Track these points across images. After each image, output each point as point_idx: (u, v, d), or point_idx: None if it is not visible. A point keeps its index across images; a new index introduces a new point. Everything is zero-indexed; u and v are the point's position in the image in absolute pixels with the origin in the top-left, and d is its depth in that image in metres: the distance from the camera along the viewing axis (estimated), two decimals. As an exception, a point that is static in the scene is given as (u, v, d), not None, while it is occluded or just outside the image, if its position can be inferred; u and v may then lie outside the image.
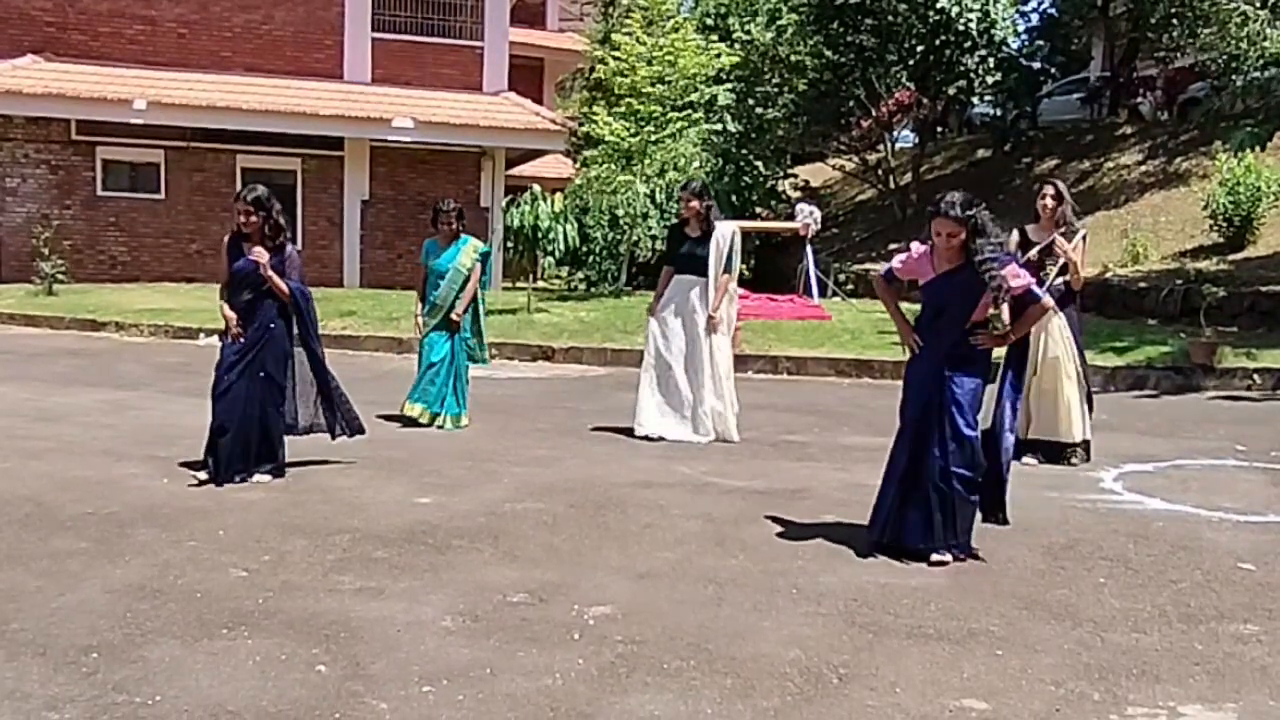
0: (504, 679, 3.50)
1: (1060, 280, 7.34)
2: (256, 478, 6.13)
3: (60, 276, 17.45)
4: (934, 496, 4.87)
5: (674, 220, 8.18)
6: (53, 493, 5.78)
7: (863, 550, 4.99)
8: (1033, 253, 7.27)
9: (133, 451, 6.72)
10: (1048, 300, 5.38)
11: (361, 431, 6.71)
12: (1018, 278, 4.95)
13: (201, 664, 3.56)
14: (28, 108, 18.58)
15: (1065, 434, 7.30)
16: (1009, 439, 5.29)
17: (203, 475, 6.09)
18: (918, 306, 5.14)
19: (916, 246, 5.09)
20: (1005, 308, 5.06)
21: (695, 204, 7.96)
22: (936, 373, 4.93)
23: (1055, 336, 7.29)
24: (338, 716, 3.20)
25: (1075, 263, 7.31)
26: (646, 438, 7.83)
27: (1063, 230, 7.36)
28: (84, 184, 19.74)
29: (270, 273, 6.13)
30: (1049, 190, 7.53)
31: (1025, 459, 7.07)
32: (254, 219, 6.14)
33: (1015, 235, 7.56)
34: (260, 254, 6.11)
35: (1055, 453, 7.29)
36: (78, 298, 16.80)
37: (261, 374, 6.19)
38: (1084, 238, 7.49)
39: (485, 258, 8.54)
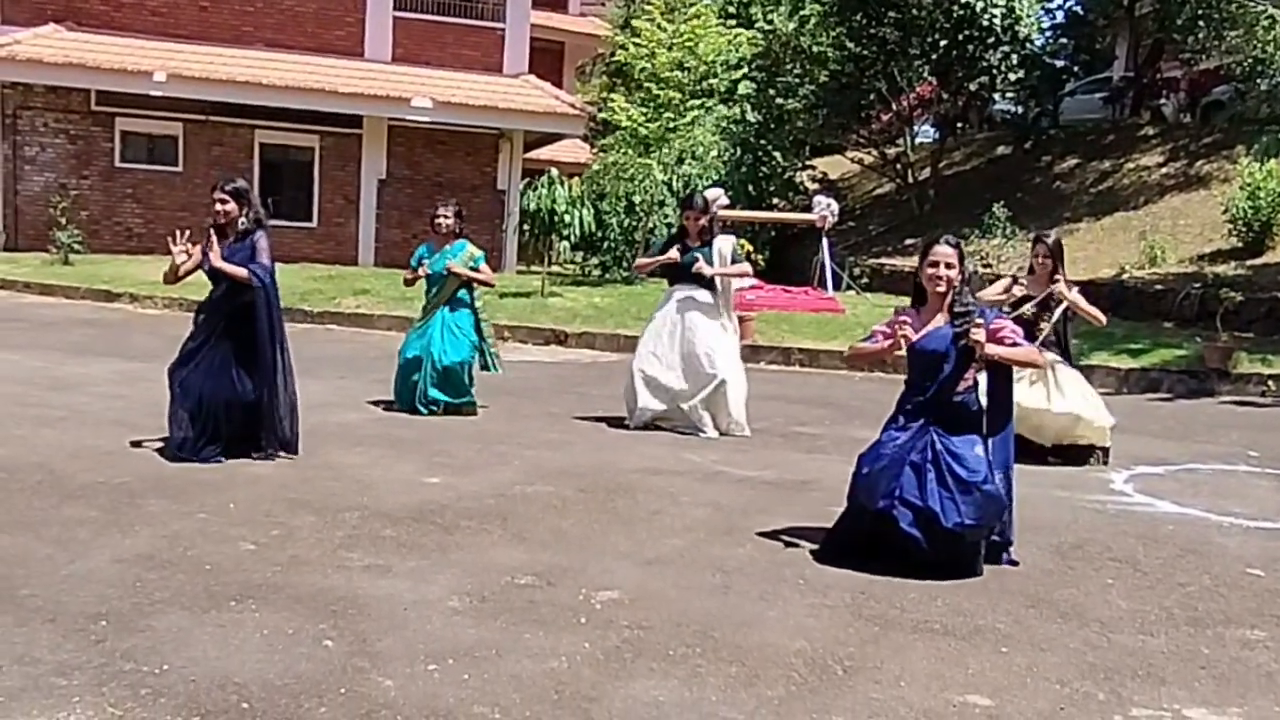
0: (509, 660, 3.51)
1: (1054, 337, 7.28)
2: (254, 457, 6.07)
3: (76, 246, 17.52)
4: (939, 547, 4.51)
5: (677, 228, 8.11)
6: (64, 461, 5.80)
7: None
8: (1027, 308, 7.21)
9: (144, 423, 6.74)
10: (1036, 354, 5.22)
11: (291, 453, 6.22)
12: (1005, 334, 4.70)
13: (209, 635, 3.58)
14: (48, 77, 18.63)
15: (1083, 436, 7.30)
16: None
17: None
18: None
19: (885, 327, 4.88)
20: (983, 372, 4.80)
21: (702, 220, 7.84)
22: (917, 438, 4.65)
23: (1062, 381, 7.24)
24: (343, 691, 3.21)
25: (1085, 309, 7.27)
26: (646, 426, 7.77)
27: (1056, 282, 7.21)
28: (102, 155, 19.80)
29: (220, 262, 6.01)
30: (1042, 248, 7.37)
31: (1049, 459, 7.19)
32: (229, 207, 6.10)
33: (1006, 282, 7.58)
34: (213, 248, 6.06)
35: (1075, 457, 7.29)
36: (93, 268, 16.87)
37: (231, 356, 6.05)
38: (1080, 292, 7.45)
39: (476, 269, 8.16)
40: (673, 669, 3.52)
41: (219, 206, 6.12)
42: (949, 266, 4.70)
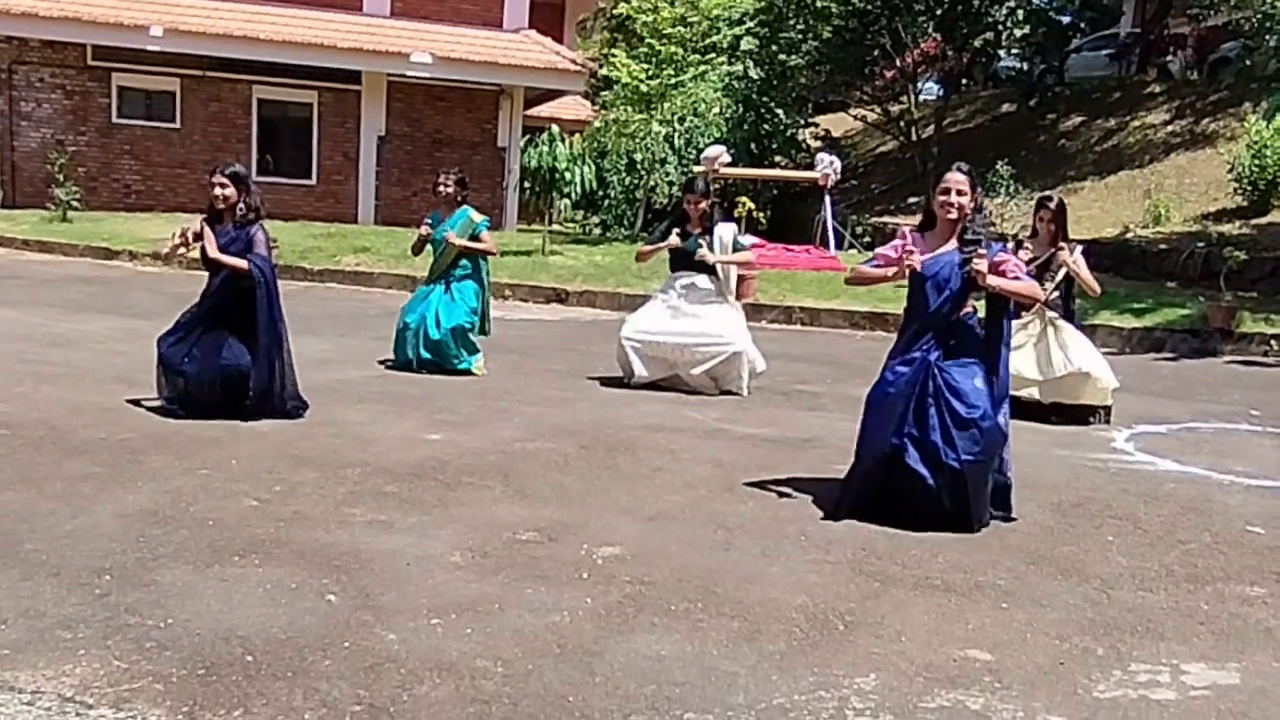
0: (511, 614, 3.52)
1: (1056, 295, 7.30)
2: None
3: (74, 204, 17.44)
4: (946, 488, 4.57)
5: (680, 210, 8.00)
6: (65, 417, 5.81)
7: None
8: (1029, 268, 7.20)
9: (145, 379, 6.72)
10: (1037, 289, 5.20)
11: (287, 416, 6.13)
12: (1008, 267, 4.71)
13: (213, 590, 3.59)
14: (43, 31, 18.46)
15: (1087, 398, 7.30)
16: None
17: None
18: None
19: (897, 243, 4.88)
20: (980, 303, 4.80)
21: (704, 204, 7.73)
22: (918, 372, 4.67)
23: (1067, 340, 7.25)
24: (347, 645, 3.23)
25: (1084, 277, 7.25)
26: (646, 386, 7.75)
27: (1062, 245, 7.27)
28: (99, 110, 19.66)
29: (218, 254, 5.97)
30: (1045, 211, 7.40)
31: (1052, 418, 7.21)
32: (229, 192, 6.03)
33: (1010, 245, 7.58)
34: (209, 239, 6.01)
35: (1076, 416, 7.30)
36: (92, 225, 16.80)
37: (224, 340, 6.01)
38: (1084, 252, 7.41)
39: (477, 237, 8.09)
40: (674, 624, 3.53)
41: (218, 190, 6.04)
42: (960, 194, 4.72)
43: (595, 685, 3.07)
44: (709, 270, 7.77)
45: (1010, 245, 7.57)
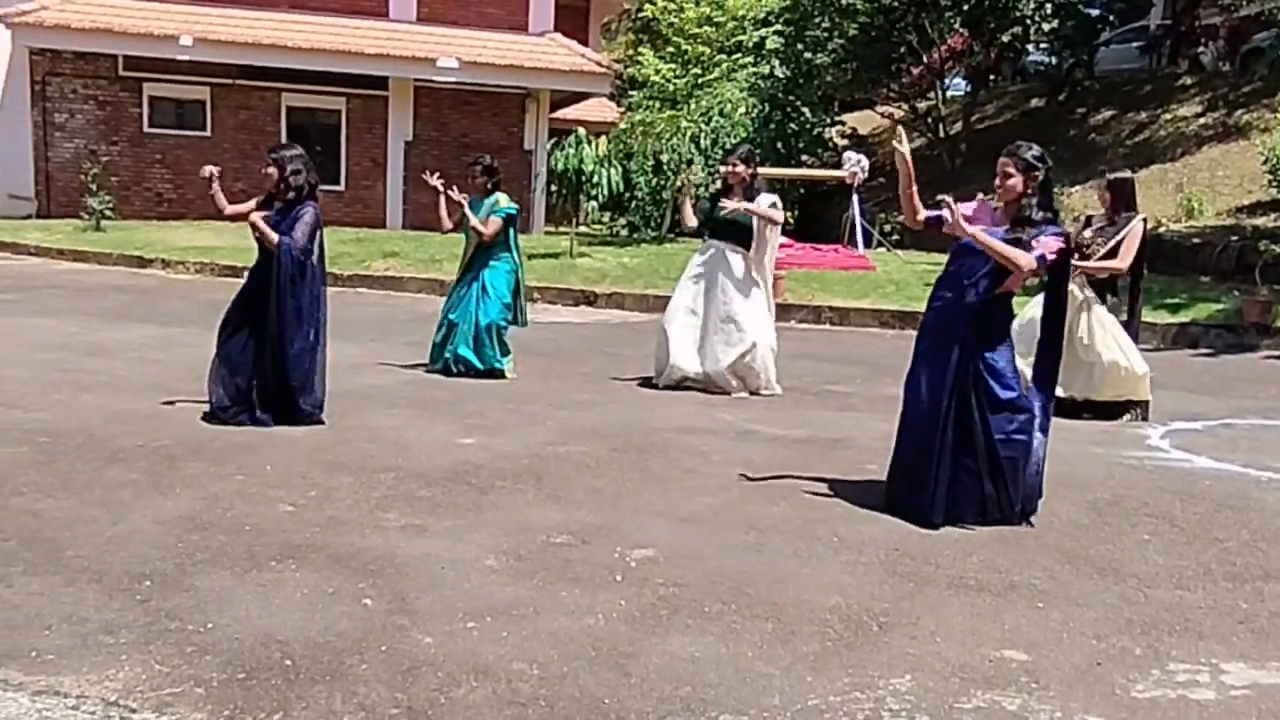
0: (547, 617, 3.54)
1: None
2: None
3: (108, 213, 17.66)
4: (985, 468, 4.66)
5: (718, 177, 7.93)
6: (104, 425, 5.88)
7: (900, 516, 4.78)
8: (1087, 232, 7.38)
9: (181, 386, 6.82)
10: (1023, 257, 5.18)
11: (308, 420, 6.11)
12: (1036, 242, 4.73)
13: (251, 594, 3.63)
14: (76, 42, 18.71)
15: (1122, 394, 7.24)
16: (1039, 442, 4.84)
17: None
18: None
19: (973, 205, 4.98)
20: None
21: (741, 169, 7.64)
22: (956, 327, 4.74)
23: (1098, 316, 7.23)
24: (384, 649, 3.26)
25: (1122, 251, 7.23)
26: (679, 385, 7.77)
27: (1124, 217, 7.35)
28: (131, 120, 19.91)
29: (258, 219, 6.06)
30: (1108, 187, 7.59)
31: (1084, 414, 7.18)
32: (270, 171, 6.14)
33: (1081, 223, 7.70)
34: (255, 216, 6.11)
35: (1109, 411, 7.25)
36: (125, 234, 17.00)
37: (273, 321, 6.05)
38: (1143, 220, 7.45)
39: (511, 219, 8.13)
40: (708, 625, 3.54)
41: (266, 171, 6.17)
42: (1007, 175, 4.79)
43: (630, 687, 3.08)
44: (741, 241, 7.69)
45: (1069, 228, 7.53)
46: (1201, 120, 20.17)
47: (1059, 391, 7.06)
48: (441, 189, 8.09)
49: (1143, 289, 7.78)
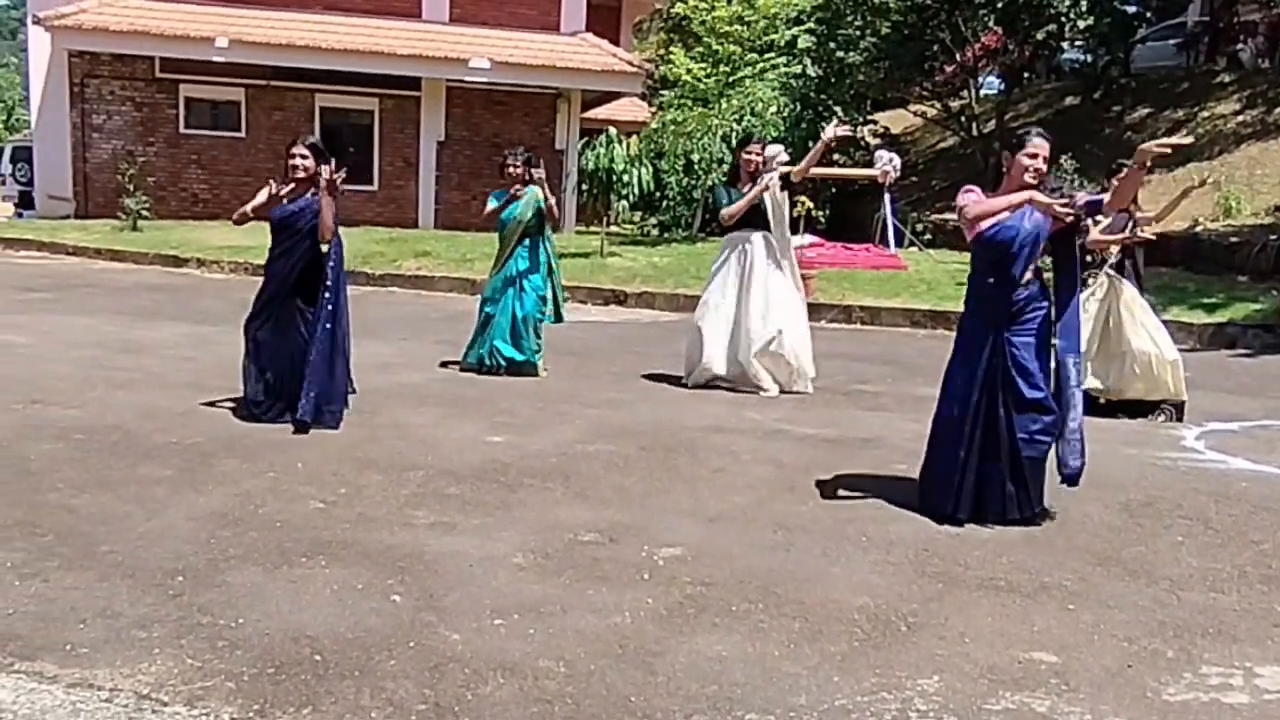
0: (574, 615, 3.55)
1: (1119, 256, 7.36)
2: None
3: (144, 213, 17.88)
4: (1007, 467, 4.66)
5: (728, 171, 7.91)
6: (138, 422, 5.96)
7: (934, 518, 4.76)
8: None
9: (214, 384, 6.89)
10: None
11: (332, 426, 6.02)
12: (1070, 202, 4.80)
13: (281, 590, 3.67)
14: (113, 45, 18.94)
15: (1153, 389, 7.18)
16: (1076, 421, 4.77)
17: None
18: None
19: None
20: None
21: (755, 157, 7.70)
22: (988, 352, 4.70)
23: (1127, 301, 7.19)
24: (412, 645, 3.28)
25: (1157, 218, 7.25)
26: (709, 384, 7.76)
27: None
28: (167, 121, 20.13)
29: (327, 213, 6.01)
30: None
31: (1119, 413, 7.16)
32: (308, 162, 6.11)
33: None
34: (323, 177, 6.03)
35: (1141, 410, 7.20)
36: (161, 234, 17.20)
37: (295, 313, 6.10)
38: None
39: (541, 212, 8.11)
40: (736, 624, 3.53)
41: (298, 161, 6.13)
42: (1046, 159, 4.79)
43: (657, 686, 3.08)
44: (763, 226, 7.69)
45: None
46: (1240, 118, 19.89)
47: (1093, 383, 7.07)
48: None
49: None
